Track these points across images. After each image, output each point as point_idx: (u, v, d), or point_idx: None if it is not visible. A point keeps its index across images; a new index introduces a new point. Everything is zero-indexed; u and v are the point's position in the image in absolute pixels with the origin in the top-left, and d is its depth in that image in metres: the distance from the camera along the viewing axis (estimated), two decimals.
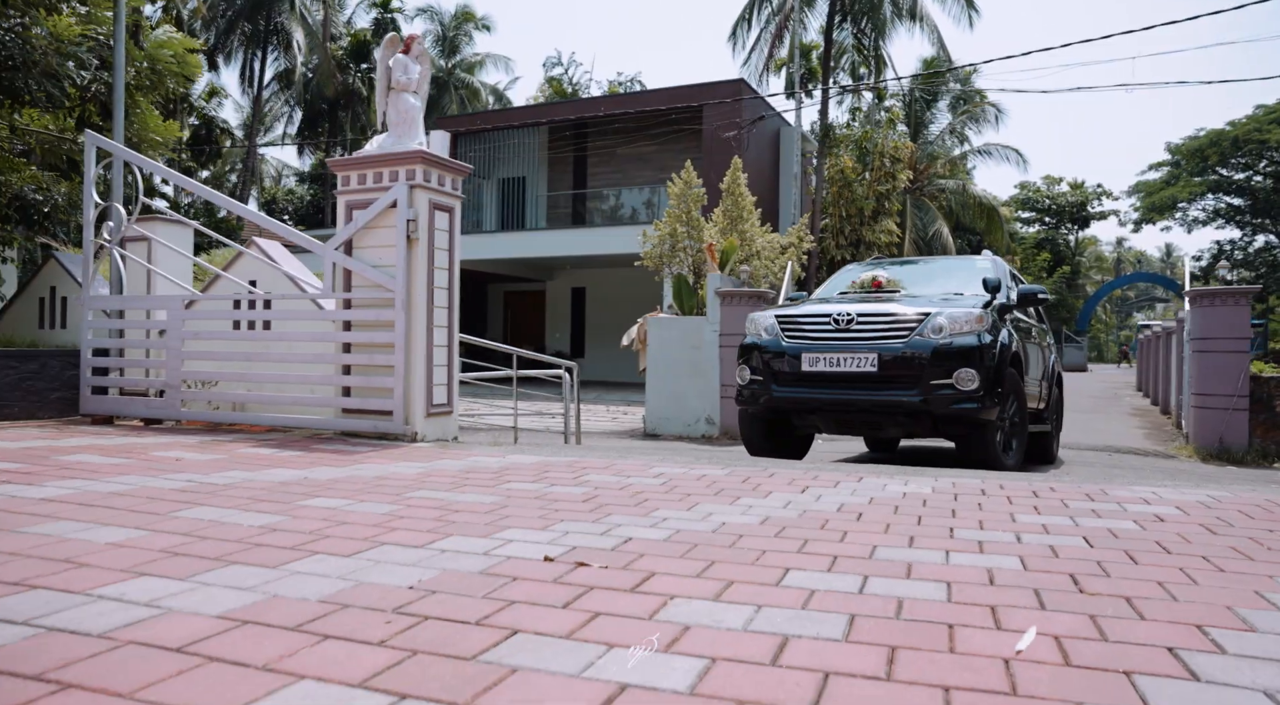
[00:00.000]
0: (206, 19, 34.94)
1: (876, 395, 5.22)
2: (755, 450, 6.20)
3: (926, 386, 5.10)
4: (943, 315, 5.21)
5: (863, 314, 5.45)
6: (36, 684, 1.39)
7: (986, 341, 5.18)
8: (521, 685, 1.42)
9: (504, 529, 2.74)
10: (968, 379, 5.03)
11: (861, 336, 5.35)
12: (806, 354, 5.46)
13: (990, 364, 5.11)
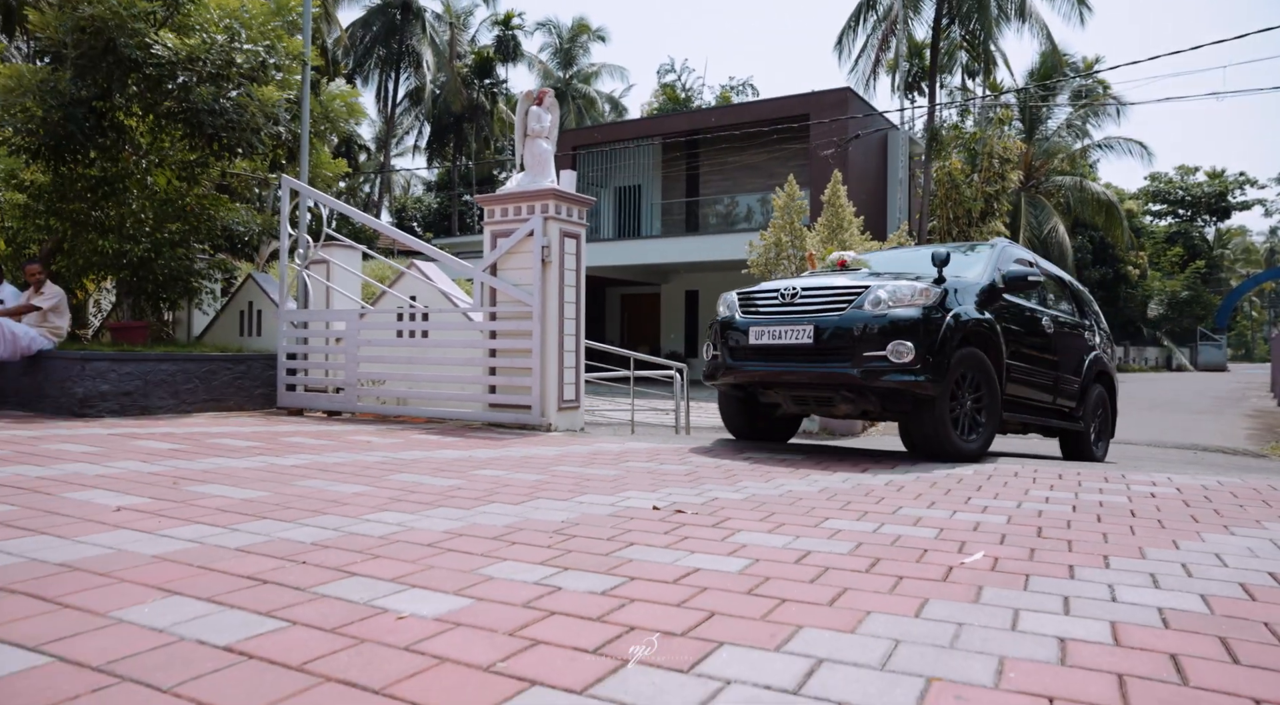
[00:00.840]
0: (347, 47, 37.64)
1: (814, 367, 5.13)
2: (735, 430, 6.25)
3: (859, 358, 4.94)
4: (884, 288, 5.10)
5: (806, 288, 5.42)
6: (356, 560, 2.42)
7: (930, 316, 4.95)
8: (636, 567, 2.35)
9: (624, 491, 3.70)
10: (903, 352, 4.84)
11: (803, 309, 5.32)
12: (754, 328, 5.42)
13: (932, 339, 4.89)
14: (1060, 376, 6.25)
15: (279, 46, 8.39)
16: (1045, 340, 6.11)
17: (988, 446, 5.28)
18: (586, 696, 1.43)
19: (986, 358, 5.27)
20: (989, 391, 5.26)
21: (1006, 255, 6.10)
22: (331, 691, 1.44)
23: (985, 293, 5.52)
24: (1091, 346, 6.85)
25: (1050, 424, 6.32)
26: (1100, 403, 6.96)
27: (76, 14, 7.41)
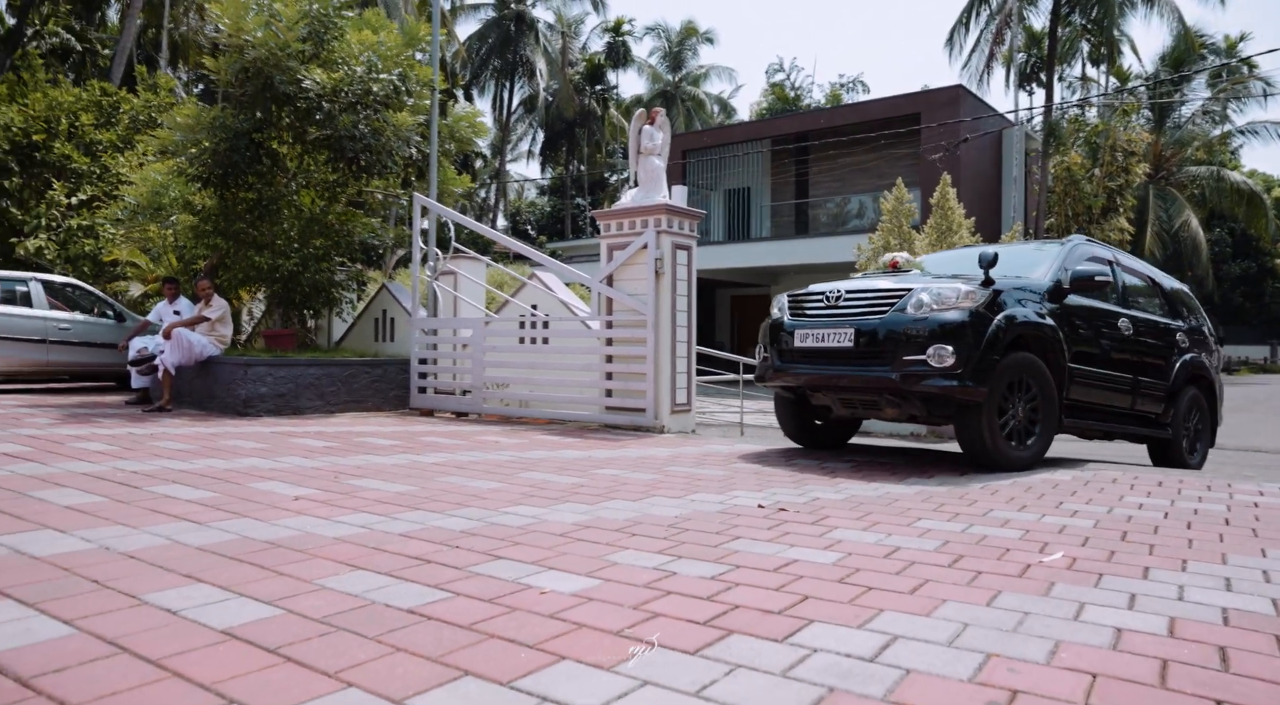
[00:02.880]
0: (465, 59, 39.15)
1: (855, 371, 5.09)
2: (789, 433, 6.20)
3: (899, 362, 4.85)
4: (927, 291, 5.00)
5: (850, 290, 5.37)
6: (501, 546, 2.82)
7: (974, 318, 4.81)
8: (741, 558, 2.67)
9: (732, 490, 4.02)
10: (944, 356, 4.72)
11: (846, 313, 5.27)
12: (799, 330, 5.40)
13: (976, 343, 4.75)
14: (1141, 381, 5.95)
15: (411, 74, 9.07)
16: (1122, 343, 5.84)
17: (1042, 454, 5.11)
18: (698, 657, 1.77)
19: (1042, 362, 5.09)
20: (1045, 398, 5.08)
21: (1078, 254, 5.85)
22: (497, 644, 1.83)
23: (1048, 294, 5.36)
24: (1184, 349, 6.44)
25: (1129, 430, 6.03)
26: (1195, 408, 6.57)
27: (243, 58, 8.26)
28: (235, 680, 1.60)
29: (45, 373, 11.06)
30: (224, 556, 2.55)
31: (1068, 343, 5.29)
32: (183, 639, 1.82)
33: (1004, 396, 4.92)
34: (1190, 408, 6.50)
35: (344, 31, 8.90)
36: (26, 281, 10.94)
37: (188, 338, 8.27)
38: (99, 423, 6.73)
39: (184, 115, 8.73)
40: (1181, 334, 6.51)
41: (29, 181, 14.90)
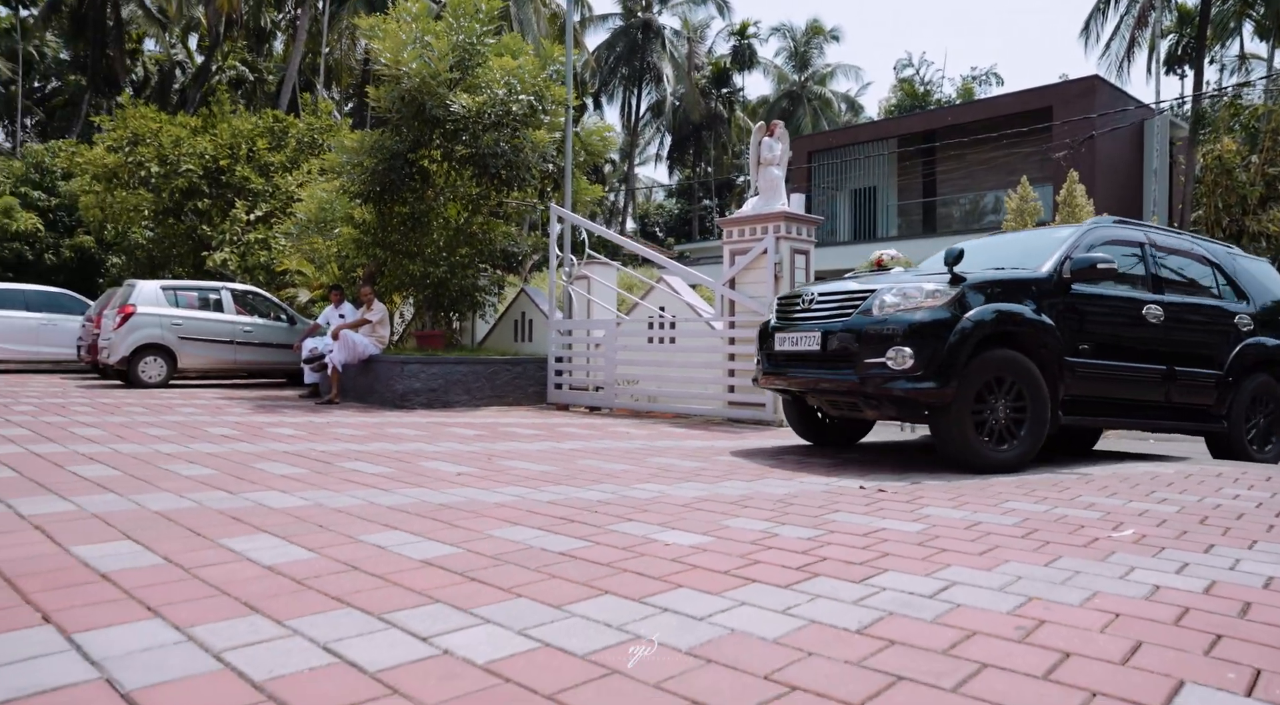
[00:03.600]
0: (594, 68, 40.31)
1: (824, 374, 5.09)
2: (796, 430, 6.13)
3: (861, 365, 4.80)
4: (890, 292, 4.90)
5: (822, 293, 5.33)
6: (632, 512, 3.34)
7: (937, 318, 4.66)
8: (836, 525, 3.08)
9: (837, 475, 4.41)
10: (903, 358, 4.62)
11: (817, 315, 5.26)
12: (779, 333, 5.44)
13: (939, 343, 4.60)
14: (1180, 371, 5.54)
15: (546, 95, 9.80)
16: (1150, 331, 5.47)
17: (1029, 454, 4.83)
18: (788, 589, 2.22)
19: (1028, 358, 4.85)
20: (1032, 396, 4.82)
21: (1090, 239, 5.49)
22: (629, 576, 2.33)
23: (1048, 284, 5.09)
24: (1243, 332, 5.90)
25: (1164, 424, 5.66)
26: (1264, 397, 6.01)
27: (399, 87, 9.19)
28: (438, 589, 2.17)
29: (232, 370, 12.48)
30: (410, 513, 3.18)
31: (1068, 335, 5.04)
32: (394, 563, 2.42)
33: (980, 396, 4.72)
34: (1258, 397, 5.98)
35: (486, 58, 9.70)
36: (219, 290, 12.38)
37: (353, 339, 9.26)
38: (284, 412, 7.71)
39: (350, 140, 9.76)
40: (1244, 317, 5.96)
41: (216, 202, 16.65)
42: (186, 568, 2.31)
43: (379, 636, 1.80)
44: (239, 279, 15.17)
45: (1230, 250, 6.43)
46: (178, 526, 2.82)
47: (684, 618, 1.97)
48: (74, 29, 34.79)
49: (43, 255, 22.66)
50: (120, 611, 1.93)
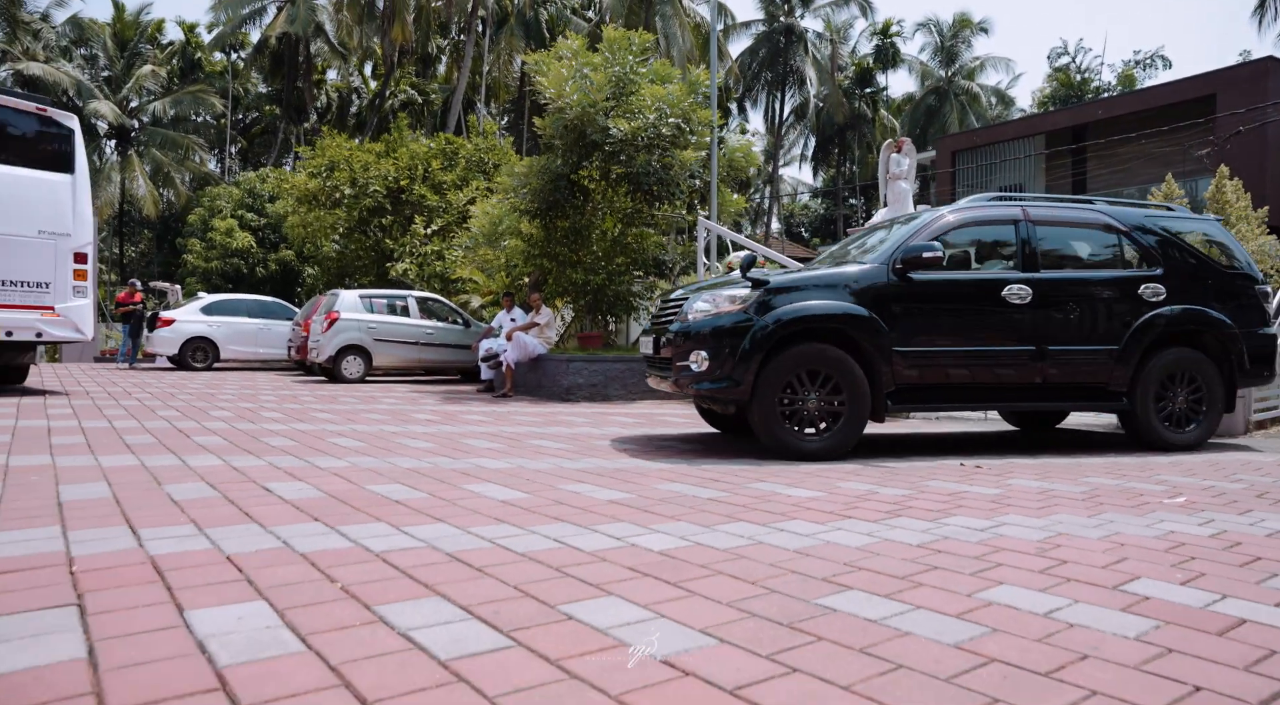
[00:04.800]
0: (738, 76, 41.00)
1: (662, 374, 5.41)
2: (706, 421, 6.65)
3: (675, 367, 5.12)
4: (701, 298, 5.15)
5: (664, 299, 5.71)
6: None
7: (734, 322, 4.90)
8: (931, 487, 3.81)
9: (941, 457, 5.07)
10: (701, 360, 4.93)
11: (660, 320, 5.56)
12: (643, 337, 5.78)
13: (734, 345, 4.85)
14: (1053, 350, 5.35)
15: (693, 117, 10.71)
16: (1010, 312, 5.31)
17: (846, 442, 4.97)
18: (931, 521, 3.01)
19: (844, 352, 4.98)
20: (849, 387, 4.93)
21: (941, 225, 5.42)
22: (758, 513, 3.18)
23: (875, 277, 5.12)
24: (1150, 302, 5.50)
25: (1045, 406, 5.55)
26: (1182, 373, 5.57)
27: (562, 117, 10.36)
28: (622, 512, 3.09)
29: (416, 368, 14.10)
30: (591, 474, 4.14)
31: (899, 326, 5.08)
32: (588, 501, 3.36)
33: (790, 388, 4.92)
34: (1174, 374, 5.56)
35: (639, 86, 10.71)
36: (405, 297, 14.02)
37: (524, 339, 10.49)
38: (469, 403, 8.98)
39: (519, 165, 11.02)
40: (1154, 285, 5.55)
41: (397, 218, 18.58)
42: (447, 499, 3.34)
43: (589, 536, 2.73)
44: (418, 287, 16.93)
45: (1152, 214, 5.93)
46: (427, 478, 3.89)
47: (840, 546, 2.82)
48: (272, 67, 38.71)
49: (254, 268, 25.69)
50: (415, 517, 2.95)
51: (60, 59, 36.00)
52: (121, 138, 36.90)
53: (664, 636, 1.77)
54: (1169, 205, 6.25)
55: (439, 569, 2.27)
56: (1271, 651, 1.77)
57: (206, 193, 29.01)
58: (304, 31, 35.28)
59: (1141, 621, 1.94)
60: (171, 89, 38.24)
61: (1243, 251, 5.97)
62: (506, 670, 1.57)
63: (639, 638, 1.76)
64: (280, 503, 3.13)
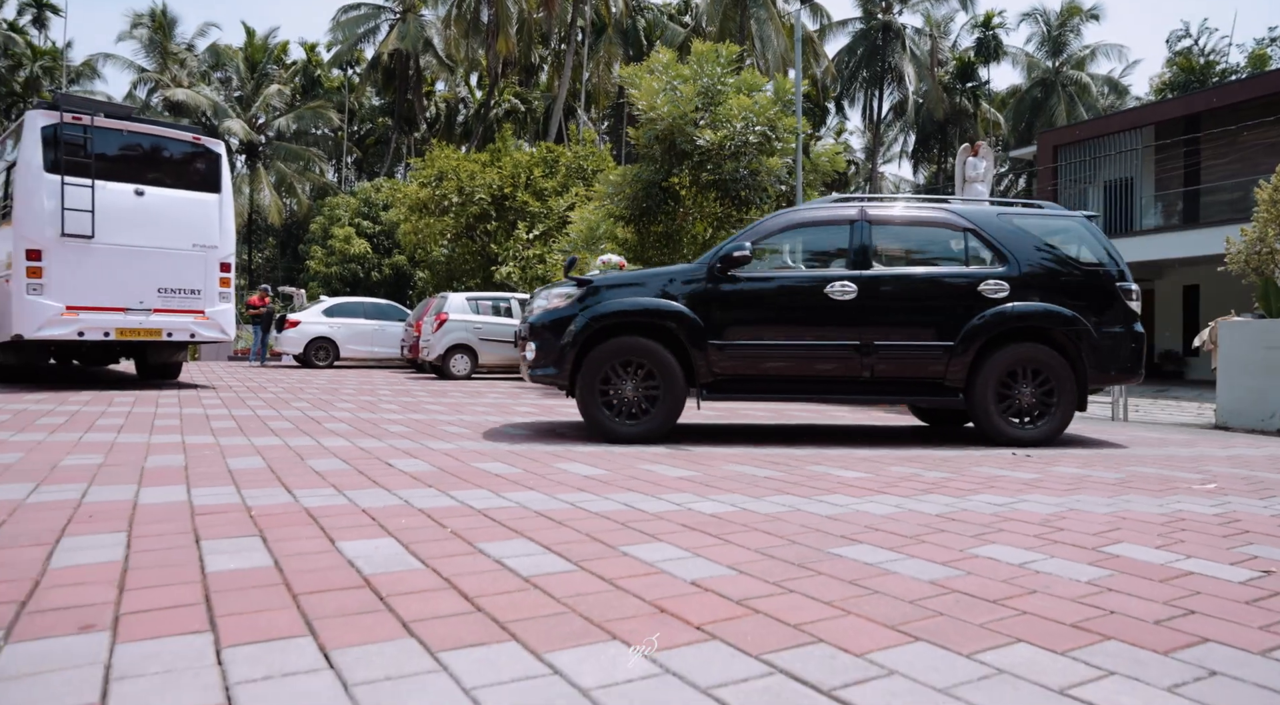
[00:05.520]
0: (834, 75, 40.74)
1: None
2: None
3: (523, 357, 5.78)
4: (541, 296, 5.70)
5: (532, 296, 6.08)
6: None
7: (559, 317, 5.43)
8: (986, 472, 4.15)
9: (993, 447, 5.35)
10: (531, 350, 5.52)
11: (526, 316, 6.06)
12: None
13: (556, 337, 5.40)
14: (880, 345, 5.47)
15: (779, 125, 11.08)
16: (833, 309, 5.48)
17: (661, 428, 5.35)
18: (958, 497, 3.41)
19: (661, 345, 5.36)
20: (663, 377, 5.33)
21: (773, 225, 5.76)
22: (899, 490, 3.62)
23: (697, 275, 5.48)
24: (990, 299, 5.50)
25: (873, 400, 5.69)
26: (1027, 368, 5.53)
27: (655, 127, 10.90)
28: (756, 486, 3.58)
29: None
30: (674, 457, 4.63)
31: (716, 321, 5.40)
32: (704, 465, 3.86)
33: (607, 378, 5.35)
34: (1019, 369, 5.53)
35: (727, 96, 11.15)
36: (507, 299, 14.85)
37: None
38: (568, 400, 9.60)
39: (615, 174, 11.62)
40: (995, 283, 5.53)
41: (501, 223, 19.53)
42: (538, 474, 3.89)
43: (653, 502, 3.23)
44: (521, 289, 17.80)
45: (1005, 213, 5.87)
46: (523, 458, 4.46)
47: (922, 513, 3.25)
48: (385, 81, 40.75)
49: (370, 273, 27.30)
50: (511, 486, 3.51)
51: (200, 83, 38.93)
52: (250, 152, 39.58)
53: (696, 568, 2.26)
54: (1039, 203, 6.20)
55: (526, 521, 2.81)
56: (1195, 592, 2.12)
57: (326, 202, 30.93)
58: (414, 47, 37.06)
59: (1098, 571, 2.31)
60: (294, 105, 40.77)
61: (1109, 249, 5.81)
62: (571, 584, 2.09)
63: (676, 569, 2.25)
64: (400, 474, 3.75)
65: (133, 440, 4.73)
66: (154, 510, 2.83)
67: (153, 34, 38.93)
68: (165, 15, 39.52)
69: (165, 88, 36.60)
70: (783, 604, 1.96)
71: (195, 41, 40.64)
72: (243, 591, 1.95)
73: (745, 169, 10.80)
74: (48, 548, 2.30)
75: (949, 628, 1.81)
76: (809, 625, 1.81)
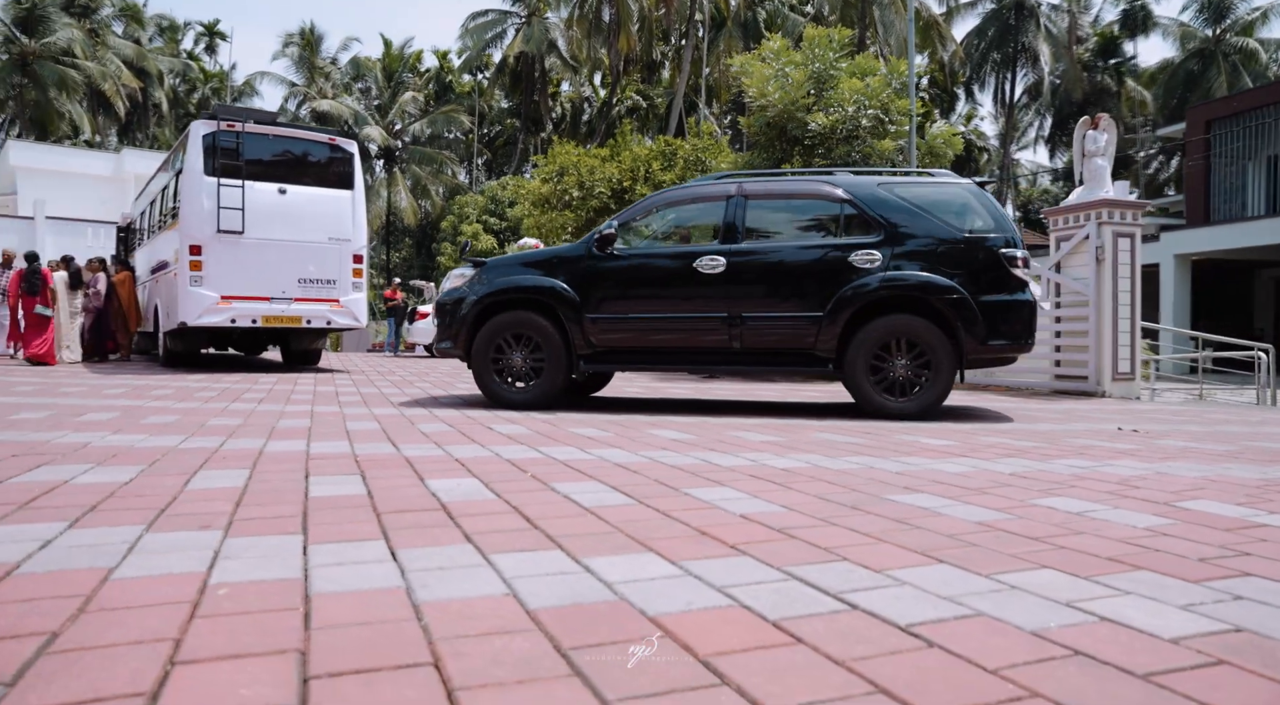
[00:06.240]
0: (963, 58, 39.18)
1: None
2: None
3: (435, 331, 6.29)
4: (450, 277, 6.09)
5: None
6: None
7: (455, 295, 5.93)
8: (1081, 443, 4.05)
9: (1105, 421, 5.16)
10: (435, 325, 6.09)
11: None
12: None
13: (452, 314, 5.89)
14: (748, 316, 5.50)
15: (891, 107, 10.86)
16: (701, 283, 5.56)
17: (546, 395, 5.67)
18: (1039, 461, 3.39)
19: (545, 318, 5.69)
20: (547, 349, 5.67)
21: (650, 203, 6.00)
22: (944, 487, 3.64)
23: (577, 253, 5.81)
24: (861, 269, 5.34)
25: (745, 370, 5.75)
26: (904, 339, 5.33)
27: (765, 114, 10.91)
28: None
29: None
30: (764, 426, 4.72)
31: (592, 296, 5.65)
32: (790, 432, 3.97)
33: (500, 349, 5.74)
34: (895, 341, 5.34)
35: (839, 81, 11.03)
36: None
37: None
38: (681, 382, 9.78)
39: (727, 162, 11.68)
40: (867, 253, 5.36)
41: None
42: (630, 437, 4.07)
43: (730, 459, 3.35)
44: None
45: (888, 181, 5.70)
46: (619, 425, 4.65)
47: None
48: (512, 83, 42.09)
49: None
50: (600, 446, 3.70)
51: (343, 94, 41.41)
52: (388, 158, 41.74)
53: (749, 505, 2.38)
54: (930, 171, 6.05)
55: (602, 469, 2.99)
56: (1261, 539, 2.07)
57: (455, 201, 32.27)
58: (539, 49, 38.12)
59: (1161, 520, 2.28)
60: (428, 111, 42.71)
61: (997, 216, 5.50)
62: (627, 513, 2.25)
63: (731, 505, 2.38)
64: (498, 435, 4.02)
65: (269, 408, 5.22)
66: (276, 455, 3.18)
67: (302, 51, 41.70)
68: (313, 33, 42.28)
69: (312, 100, 39.12)
70: (821, 534, 2.05)
71: (339, 55, 43.24)
72: (335, 509, 2.21)
73: (857, 153, 10.65)
74: (186, 477, 2.65)
75: (977, 555, 1.87)
76: (839, 548, 1.90)
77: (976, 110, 46.94)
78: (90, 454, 3.13)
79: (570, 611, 1.42)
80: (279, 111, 38.92)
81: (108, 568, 1.63)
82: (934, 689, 1.13)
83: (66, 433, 3.76)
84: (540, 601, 1.47)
